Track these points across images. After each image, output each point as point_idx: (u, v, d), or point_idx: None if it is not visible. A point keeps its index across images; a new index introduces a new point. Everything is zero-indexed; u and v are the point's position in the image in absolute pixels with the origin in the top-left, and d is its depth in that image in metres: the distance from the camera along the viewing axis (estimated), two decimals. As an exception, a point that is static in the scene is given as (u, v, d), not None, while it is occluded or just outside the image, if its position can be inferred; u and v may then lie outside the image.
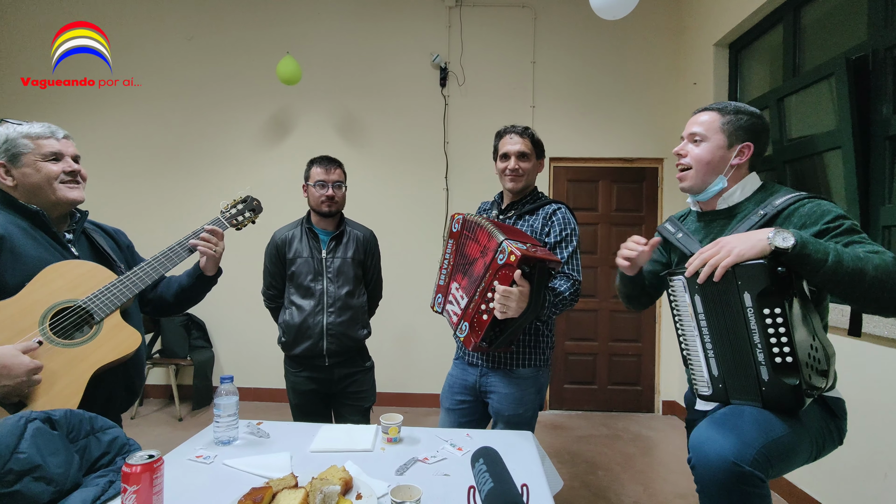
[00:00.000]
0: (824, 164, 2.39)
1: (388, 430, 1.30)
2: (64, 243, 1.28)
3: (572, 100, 3.73)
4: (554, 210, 1.62)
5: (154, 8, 3.83)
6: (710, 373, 1.16)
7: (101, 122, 3.83)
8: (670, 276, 1.20)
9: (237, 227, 1.54)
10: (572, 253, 1.57)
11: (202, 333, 3.78)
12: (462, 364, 1.69)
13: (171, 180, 3.84)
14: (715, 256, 1.04)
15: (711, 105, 1.28)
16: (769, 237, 0.99)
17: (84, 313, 1.20)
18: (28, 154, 1.22)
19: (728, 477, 0.96)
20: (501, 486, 0.80)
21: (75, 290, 1.20)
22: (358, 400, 1.93)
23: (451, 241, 1.59)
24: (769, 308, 1.01)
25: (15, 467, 0.89)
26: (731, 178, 1.24)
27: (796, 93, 2.54)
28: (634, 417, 3.61)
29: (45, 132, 1.26)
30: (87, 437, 1.07)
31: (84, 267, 1.25)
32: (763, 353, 1.04)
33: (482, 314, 1.40)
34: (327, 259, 1.89)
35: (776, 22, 2.72)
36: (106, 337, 1.21)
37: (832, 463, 2.11)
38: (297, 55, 3.53)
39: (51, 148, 1.25)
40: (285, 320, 1.88)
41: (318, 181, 1.86)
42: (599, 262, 3.73)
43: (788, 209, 1.13)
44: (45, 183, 1.23)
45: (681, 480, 2.57)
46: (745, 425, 1.03)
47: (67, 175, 1.26)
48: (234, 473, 1.12)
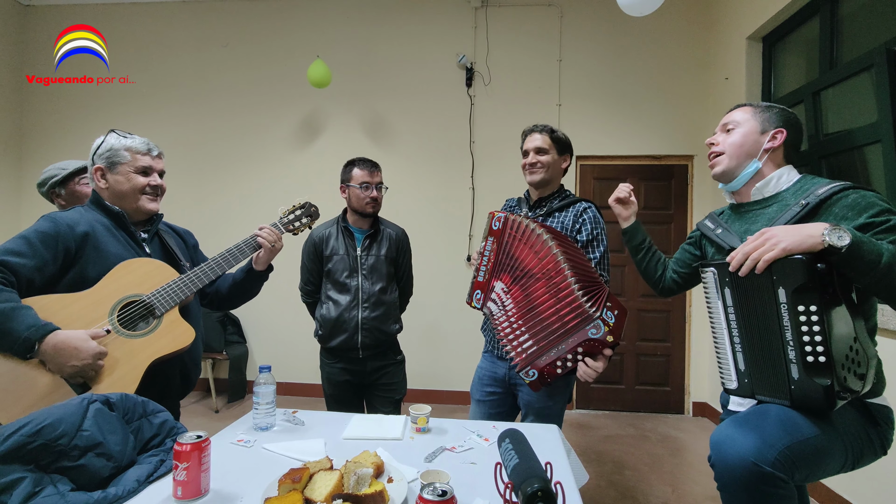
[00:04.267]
0: (864, 159, 2.32)
1: (416, 420, 1.35)
2: (139, 242, 1.41)
3: (599, 97, 3.71)
4: (584, 209, 1.66)
5: (192, 17, 4.01)
6: (736, 367, 1.15)
7: (144, 124, 4.03)
8: (702, 268, 1.20)
9: (294, 233, 1.63)
10: (603, 253, 1.63)
11: (237, 329, 3.93)
12: (491, 357, 1.73)
13: (208, 181, 4.01)
14: (759, 250, 0.99)
15: (743, 104, 1.30)
16: (824, 234, 0.94)
17: (147, 307, 1.32)
18: (124, 164, 1.37)
19: (748, 477, 0.95)
20: (526, 461, 0.84)
21: (142, 286, 1.32)
22: (389, 391, 2.00)
23: (492, 239, 1.58)
24: (804, 305, 0.97)
25: (80, 443, 0.97)
26: (764, 163, 1.21)
27: (833, 86, 2.46)
28: (663, 418, 3.56)
29: (143, 148, 1.40)
30: (140, 420, 1.15)
31: (152, 265, 1.36)
32: (795, 350, 1.00)
33: (557, 368, 1.42)
34: (362, 256, 1.96)
35: (812, 14, 2.65)
36: (164, 331, 1.31)
37: (873, 470, 2.05)
38: (327, 59, 3.63)
39: (144, 163, 1.39)
40: (322, 314, 1.96)
41: (363, 183, 1.92)
42: (627, 260, 3.68)
43: (832, 199, 1.07)
44: (131, 192, 1.38)
45: (712, 483, 2.52)
46: (769, 426, 1.00)
47: (151, 189, 1.41)
48: (273, 456, 1.19)
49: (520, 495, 0.75)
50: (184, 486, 0.95)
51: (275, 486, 0.96)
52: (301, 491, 0.95)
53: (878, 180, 2.21)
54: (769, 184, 1.21)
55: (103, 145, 1.38)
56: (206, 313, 3.79)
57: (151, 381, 1.28)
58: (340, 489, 0.95)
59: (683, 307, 3.66)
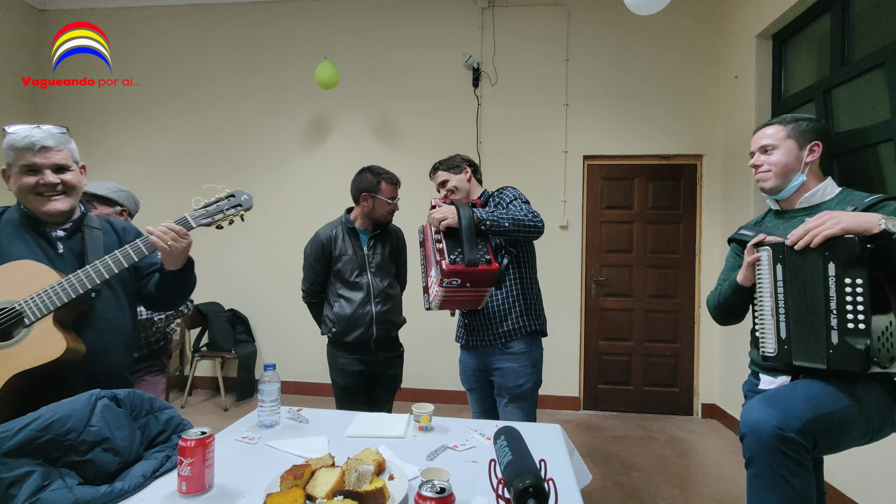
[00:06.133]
0: (878, 158, 2.28)
1: (419, 419, 1.36)
2: (53, 241, 1.28)
3: (607, 97, 3.69)
4: (499, 190, 1.83)
5: (201, 21, 4.06)
6: (777, 335, 1.24)
7: (152, 129, 4.10)
8: (758, 248, 1.29)
9: (218, 226, 1.41)
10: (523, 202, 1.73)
11: (245, 328, 3.97)
12: (465, 350, 1.92)
13: (213, 183, 4.04)
14: (820, 227, 1.11)
15: (769, 121, 1.39)
16: (881, 221, 1.05)
17: (18, 315, 1.17)
18: (13, 165, 1.24)
19: (773, 442, 1.06)
20: (520, 458, 0.84)
21: (18, 291, 1.18)
22: (393, 382, 2.14)
23: (421, 250, 1.81)
24: (851, 278, 1.08)
25: (88, 438, 0.99)
26: (808, 175, 1.32)
27: (845, 83, 2.42)
28: (671, 420, 3.53)
29: (22, 143, 1.22)
30: (147, 416, 1.17)
31: (32, 268, 1.21)
32: (837, 318, 1.10)
33: (437, 246, 1.59)
34: (369, 255, 2.04)
35: (823, 10, 2.61)
36: (31, 342, 1.16)
37: (886, 471, 2.01)
38: (335, 60, 3.65)
39: (25, 161, 1.23)
40: (336, 312, 2.02)
41: (392, 197, 2.04)
42: (634, 260, 3.67)
43: (875, 206, 1.19)
44: (22, 194, 1.25)
45: (720, 485, 2.51)
46: (795, 401, 1.11)
47: (45, 187, 1.24)
48: (277, 453, 1.20)
49: (512, 491, 0.76)
50: (188, 482, 0.97)
51: (277, 483, 0.97)
52: (303, 487, 0.96)
53: (892, 179, 2.17)
54: (815, 195, 1.32)
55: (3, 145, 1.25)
56: (216, 312, 3.85)
57: (39, 396, 1.14)
58: (342, 486, 0.96)
59: (692, 308, 3.63)
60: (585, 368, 3.72)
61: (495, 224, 1.58)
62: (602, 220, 3.70)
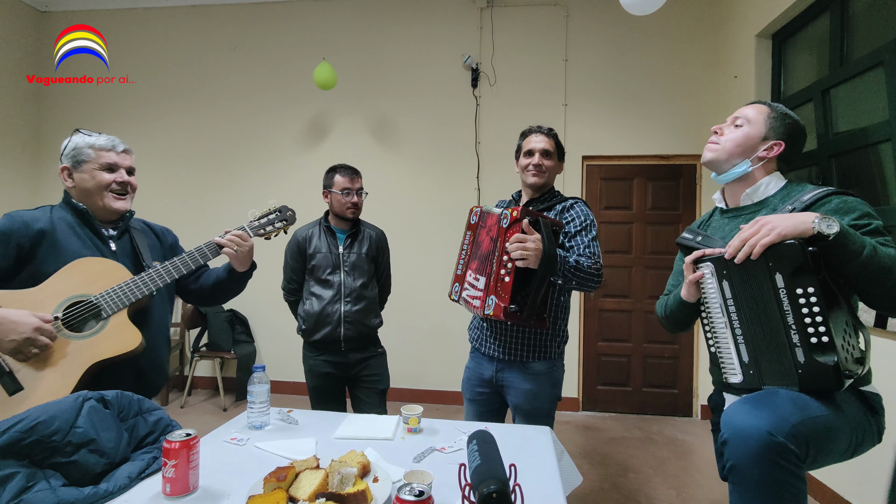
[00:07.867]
0: (878, 157, 2.26)
1: (408, 421, 1.36)
2: (105, 239, 1.40)
3: (606, 97, 3.68)
4: (571, 204, 1.67)
5: (201, 22, 4.08)
6: (739, 359, 1.14)
7: (151, 129, 4.11)
8: (696, 265, 1.21)
9: (266, 237, 1.57)
10: (592, 239, 1.60)
11: (245, 328, 3.98)
12: (478, 356, 1.75)
13: (212, 183, 4.07)
14: (755, 236, 1.03)
15: (766, 101, 1.30)
16: (815, 222, 0.98)
17: (94, 308, 1.28)
18: (88, 162, 1.37)
19: (762, 448, 0.93)
20: (488, 463, 0.84)
21: (92, 286, 1.28)
22: (373, 383, 2.09)
23: (469, 233, 1.66)
24: (802, 287, 1.00)
25: (73, 440, 0.99)
26: (756, 168, 1.25)
27: (844, 83, 2.41)
28: (670, 421, 3.52)
29: (107, 145, 1.40)
30: (135, 417, 1.18)
31: (104, 264, 1.32)
32: (797, 334, 1.02)
33: (503, 277, 1.42)
34: (344, 254, 2.05)
35: (822, 10, 2.59)
36: (109, 333, 1.27)
37: (879, 470, 1.99)
38: (333, 61, 3.65)
39: (108, 160, 1.39)
40: (305, 310, 2.04)
41: (344, 189, 2.01)
42: (634, 261, 3.65)
43: (816, 204, 1.12)
44: (96, 189, 1.37)
45: (717, 486, 2.49)
46: (781, 403, 1.00)
47: (118, 185, 1.40)
48: (264, 455, 1.20)
49: (477, 495, 0.76)
50: (172, 483, 0.97)
51: (260, 485, 0.97)
52: (286, 489, 0.96)
53: (891, 179, 2.15)
54: (758, 190, 1.25)
55: (69, 145, 1.38)
56: (215, 313, 3.86)
57: (97, 385, 1.23)
58: (325, 488, 0.96)
59: (692, 309, 3.61)
60: (584, 369, 3.71)
61: (566, 280, 1.47)
62: (601, 220, 3.68)
